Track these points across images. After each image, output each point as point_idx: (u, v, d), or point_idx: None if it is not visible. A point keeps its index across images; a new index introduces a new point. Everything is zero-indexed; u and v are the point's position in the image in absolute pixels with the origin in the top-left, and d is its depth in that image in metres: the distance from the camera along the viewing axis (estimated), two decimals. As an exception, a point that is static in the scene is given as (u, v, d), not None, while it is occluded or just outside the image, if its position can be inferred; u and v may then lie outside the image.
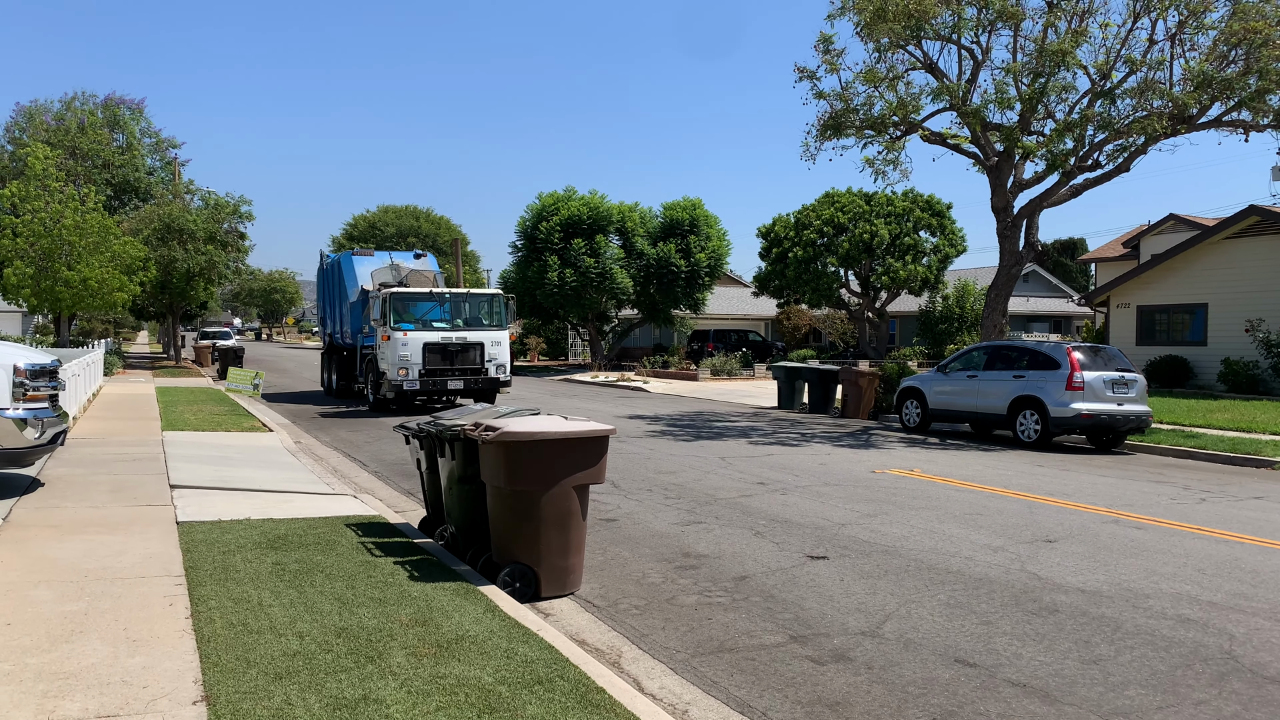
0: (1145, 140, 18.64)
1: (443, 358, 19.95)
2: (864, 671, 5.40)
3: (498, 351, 20.56)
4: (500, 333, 20.77)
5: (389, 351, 19.78)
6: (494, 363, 20.52)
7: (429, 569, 6.94)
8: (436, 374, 19.86)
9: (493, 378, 20.54)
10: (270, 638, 5.30)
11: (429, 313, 20.63)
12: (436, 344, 19.91)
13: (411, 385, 19.65)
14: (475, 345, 20.29)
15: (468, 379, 20.19)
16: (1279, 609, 6.59)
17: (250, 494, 9.91)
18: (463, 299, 21.17)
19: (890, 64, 20.25)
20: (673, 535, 8.85)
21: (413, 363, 19.61)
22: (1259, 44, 17.07)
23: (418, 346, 19.69)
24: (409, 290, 20.56)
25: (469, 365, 20.22)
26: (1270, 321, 24.53)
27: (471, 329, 20.55)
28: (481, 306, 21.29)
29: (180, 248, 36.68)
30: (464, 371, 20.18)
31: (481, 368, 20.36)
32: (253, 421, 17.45)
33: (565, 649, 5.30)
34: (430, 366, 19.79)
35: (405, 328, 19.83)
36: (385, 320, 19.91)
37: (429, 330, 20.06)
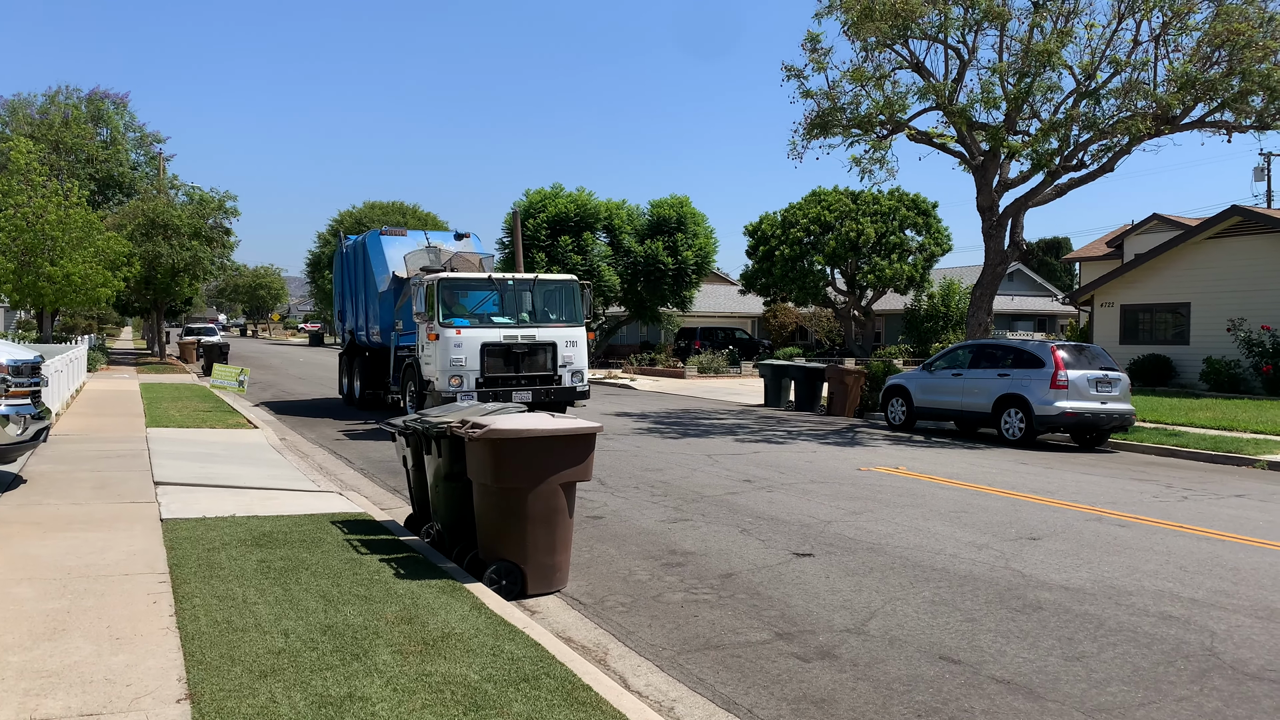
0: (1129, 140, 18.76)
1: (506, 362, 15.98)
2: (849, 668, 5.43)
3: (573, 354, 16.52)
4: (576, 330, 16.67)
5: (437, 354, 15.78)
6: (569, 368, 16.43)
7: (415, 566, 6.93)
8: (498, 382, 15.86)
9: (567, 387, 16.39)
10: (255, 635, 5.28)
11: (483, 304, 16.88)
12: (498, 345, 15.90)
13: (467, 398, 15.45)
14: (546, 346, 16.27)
15: (537, 389, 16.08)
16: (1259, 606, 6.65)
17: (235, 491, 9.87)
18: (529, 287, 16.96)
19: (877, 63, 20.32)
20: (659, 532, 8.86)
21: (468, 369, 15.68)
22: (1242, 46, 17.20)
23: (475, 348, 15.72)
24: (465, 276, 16.85)
25: (538, 371, 16.24)
26: (1252, 321, 24.74)
27: (540, 325, 16.54)
28: (552, 296, 17.12)
29: (165, 243, 36.45)
30: (532, 380, 16.17)
31: (553, 374, 16.29)
32: (238, 418, 17.37)
33: (551, 646, 5.30)
34: (491, 373, 15.80)
35: (459, 323, 15.84)
36: (433, 314, 15.91)
37: (488, 327, 16.12)
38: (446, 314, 16.00)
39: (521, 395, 15.84)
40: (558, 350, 16.35)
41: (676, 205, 42.95)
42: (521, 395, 15.84)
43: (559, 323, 16.78)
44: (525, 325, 16.44)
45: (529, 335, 16.21)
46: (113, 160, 41.96)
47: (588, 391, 16.76)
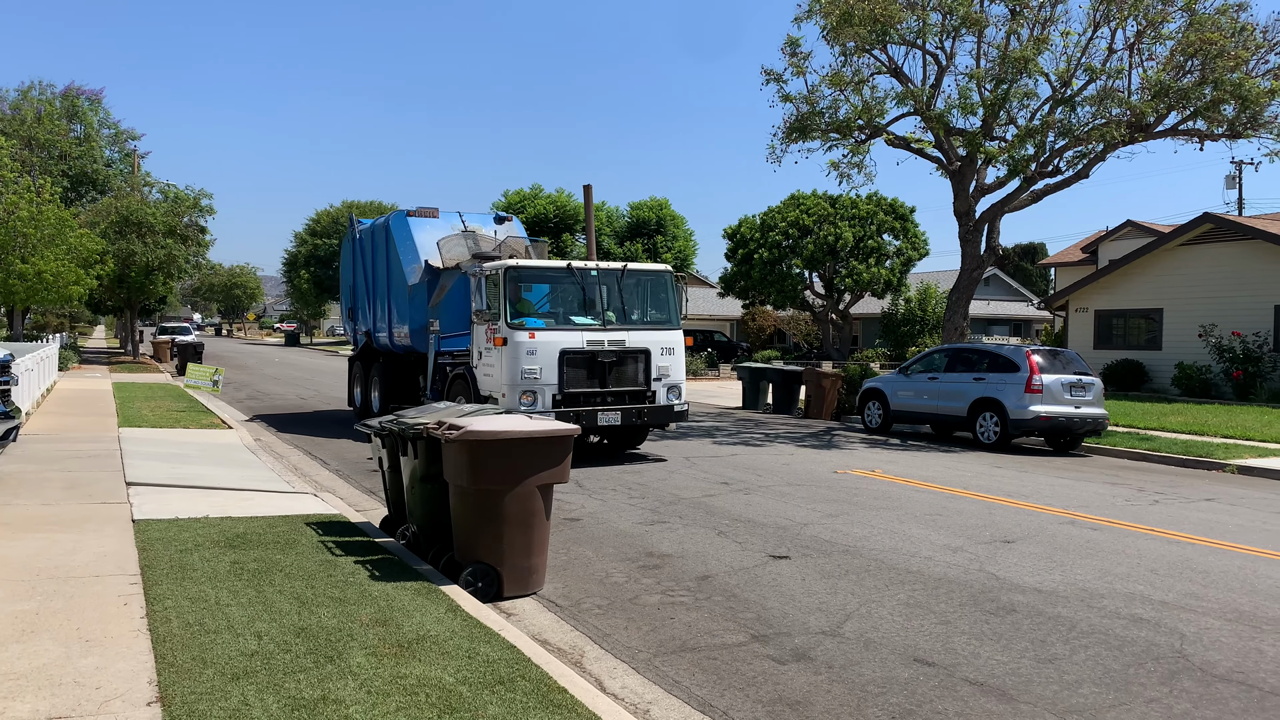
0: (1104, 147, 18.96)
1: (589, 374, 12.88)
2: (824, 671, 5.44)
3: (670, 364, 13.45)
4: (672, 334, 13.63)
5: (503, 362, 12.72)
6: (664, 382, 13.39)
7: (390, 568, 6.89)
8: (579, 399, 12.79)
9: (663, 406, 13.35)
10: (228, 637, 5.23)
11: (541, 302, 14.09)
12: (581, 352, 12.82)
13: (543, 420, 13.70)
14: (637, 354, 13.20)
15: (627, 408, 13.01)
16: (1228, 608, 6.73)
17: (208, 492, 9.78)
18: (616, 278, 13.60)
19: (856, 68, 20.42)
20: (636, 535, 8.86)
21: (543, 382, 12.60)
22: (1214, 55, 17.43)
23: (552, 355, 12.61)
24: (539, 264, 13.98)
25: (628, 386, 13.15)
26: (1222, 327, 25.04)
27: (630, 328, 13.36)
28: (641, 291, 13.96)
29: (139, 241, 36.09)
30: (621, 396, 13.08)
31: (646, 389, 13.23)
32: (212, 418, 17.22)
33: (527, 649, 5.29)
34: (571, 387, 12.72)
35: (533, 324, 12.80)
36: (499, 311, 12.82)
37: (567, 329, 12.98)
38: (515, 312, 12.87)
39: (608, 417, 12.80)
40: (651, 359, 13.25)
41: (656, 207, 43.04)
42: (608, 417, 12.80)
43: (651, 324, 13.62)
44: (612, 327, 13.15)
45: (618, 340, 13.03)
46: (86, 157, 41.52)
47: (686, 411, 13.71)
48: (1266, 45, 18.09)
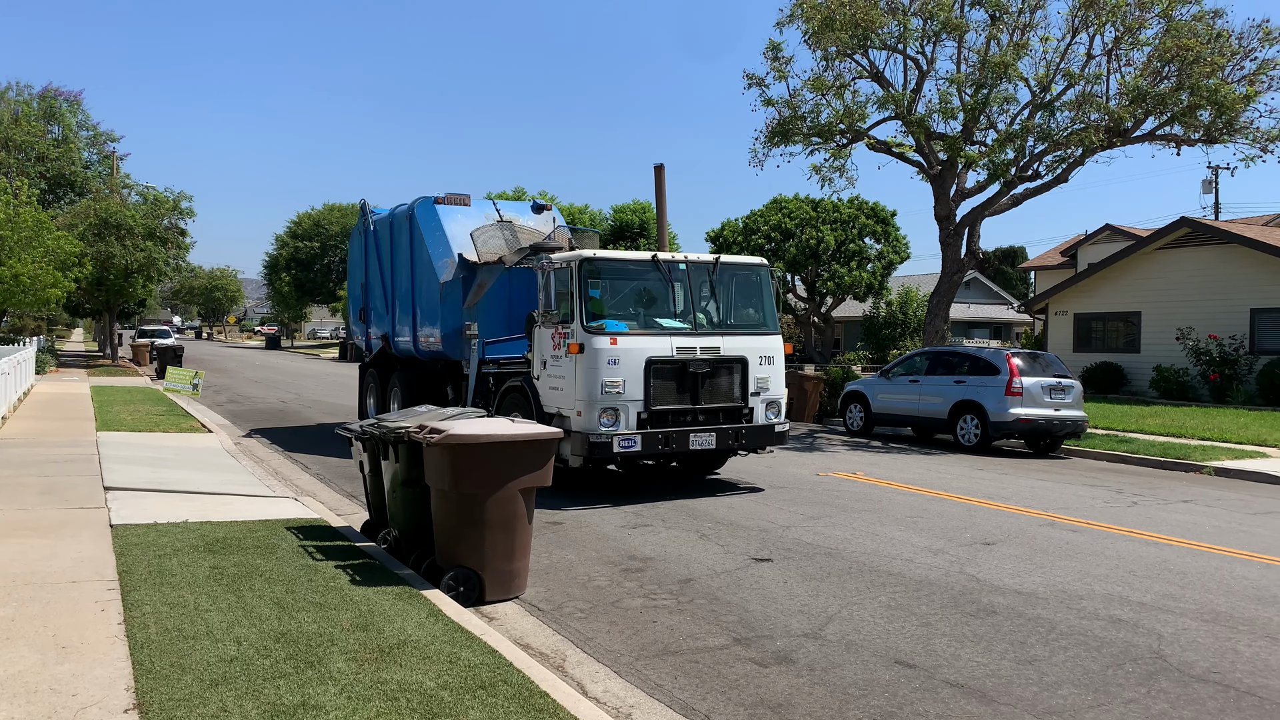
0: (1083, 152, 19.11)
1: (679, 387, 10.82)
2: (806, 673, 5.46)
3: (769, 376, 11.42)
4: (771, 340, 11.57)
5: (578, 374, 10.52)
6: (763, 396, 11.34)
7: (371, 573, 6.86)
8: (668, 418, 10.76)
9: (763, 426, 11.28)
10: (207, 643, 5.20)
11: (630, 299, 11.57)
12: (670, 361, 10.73)
13: (628, 445, 10.42)
14: (733, 364, 11.14)
15: (722, 429, 10.97)
16: (1205, 609, 6.79)
17: (188, 496, 9.71)
18: (707, 272, 11.45)
19: (837, 72, 20.51)
20: (619, 538, 8.85)
21: (628, 397, 10.49)
22: (1191, 61, 17.62)
23: (637, 366, 10.53)
24: (620, 256, 11.66)
25: (722, 402, 11.08)
26: (1199, 330, 25.28)
27: (723, 332, 11.25)
28: (733, 288, 11.91)
29: (118, 244, 35.79)
30: (714, 414, 11.02)
31: (743, 405, 11.19)
32: (191, 422, 17.09)
33: (509, 653, 5.27)
34: (659, 404, 10.67)
35: (614, 328, 10.68)
36: (573, 312, 10.66)
37: (653, 334, 10.86)
38: (591, 313, 10.70)
39: (701, 439, 10.78)
40: (749, 370, 11.19)
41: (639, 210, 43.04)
42: (701, 439, 10.78)
43: (747, 328, 11.59)
44: (704, 332, 11.07)
45: (711, 347, 10.96)
46: (64, 159, 41.10)
47: (787, 432, 11.64)
48: (1242, 51, 18.29)
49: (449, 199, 15.00)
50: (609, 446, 10.33)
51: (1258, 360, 24.15)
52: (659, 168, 18.49)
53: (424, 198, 14.93)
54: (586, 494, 11.15)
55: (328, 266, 71.31)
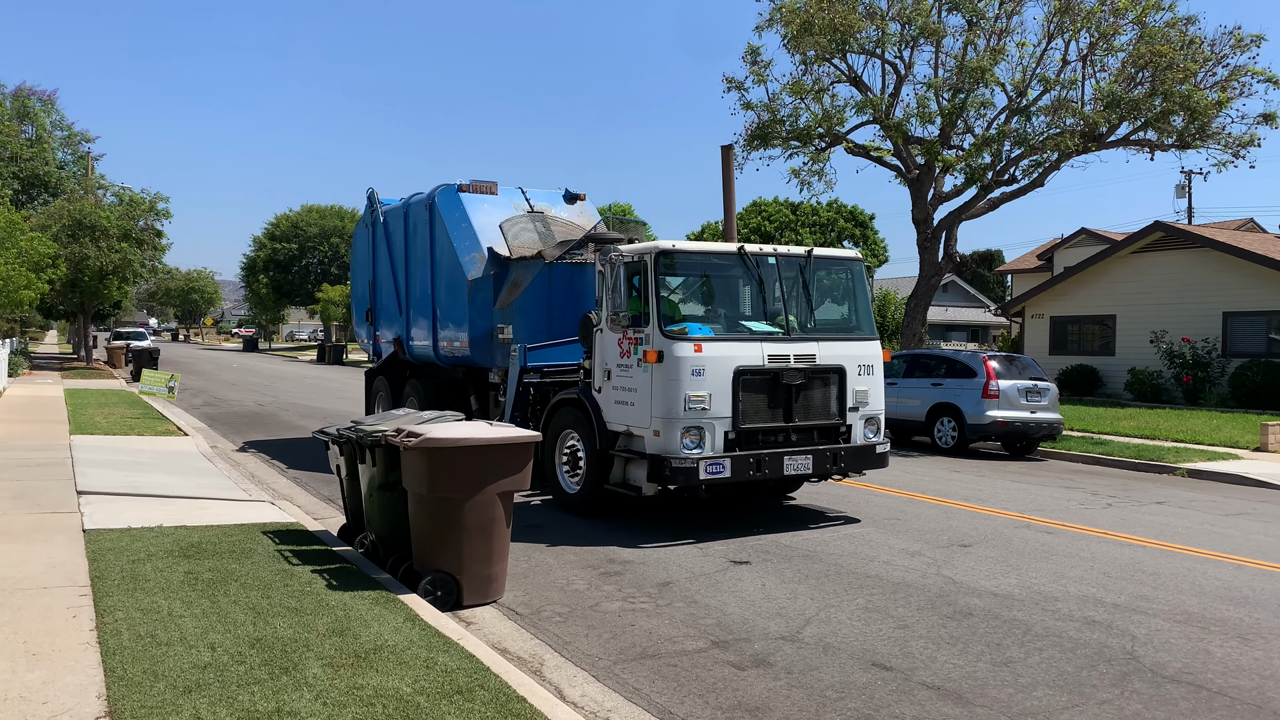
0: (1059, 156, 19.31)
1: (770, 401, 9.28)
2: (783, 676, 5.47)
3: (868, 388, 9.89)
4: (869, 346, 10.07)
5: (655, 386, 8.97)
6: (862, 412, 9.83)
7: (348, 577, 6.82)
8: (759, 438, 9.24)
9: (863, 447, 9.79)
10: (180, 649, 5.15)
11: (709, 299, 10.11)
12: (761, 372, 9.18)
13: (715, 470, 8.87)
14: (829, 374, 9.61)
15: (818, 451, 9.44)
16: (1177, 610, 6.86)
17: (163, 500, 9.62)
18: (798, 266, 9.85)
19: (816, 76, 20.64)
20: (597, 541, 8.84)
21: (714, 414, 8.94)
22: (1164, 67, 17.83)
23: (724, 377, 8.98)
24: (701, 248, 9.97)
25: (817, 419, 9.55)
26: (1173, 333, 25.55)
27: (817, 337, 9.69)
28: (825, 285, 10.40)
29: (92, 245, 35.41)
30: (808, 434, 9.54)
31: (841, 422, 9.68)
32: (167, 425, 16.94)
33: (486, 658, 5.26)
34: (750, 421, 9.13)
35: (697, 332, 9.16)
36: (648, 313, 9.11)
37: (741, 339, 9.34)
38: (670, 314, 9.22)
39: (797, 464, 9.27)
40: (847, 381, 9.67)
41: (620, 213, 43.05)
42: (797, 464, 9.27)
43: (843, 332, 10.10)
44: (797, 337, 9.55)
45: (806, 354, 9.44)
46: (38, 159, 40.63)
47: (888, 454, 10.18)
48: (1214, 58, 18.54)
49: (474, 186, 13.38)
50: (694, 472, 8.71)
51: (1230, 363, 24.44)
52: (727, 148, 16.58)
53: (445, 185, 13.37)
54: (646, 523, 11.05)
55: (306, 268, 70.88)
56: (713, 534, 9.17)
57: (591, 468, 9.67)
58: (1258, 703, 5.17)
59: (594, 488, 9.65)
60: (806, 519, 10.04)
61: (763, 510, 10.47)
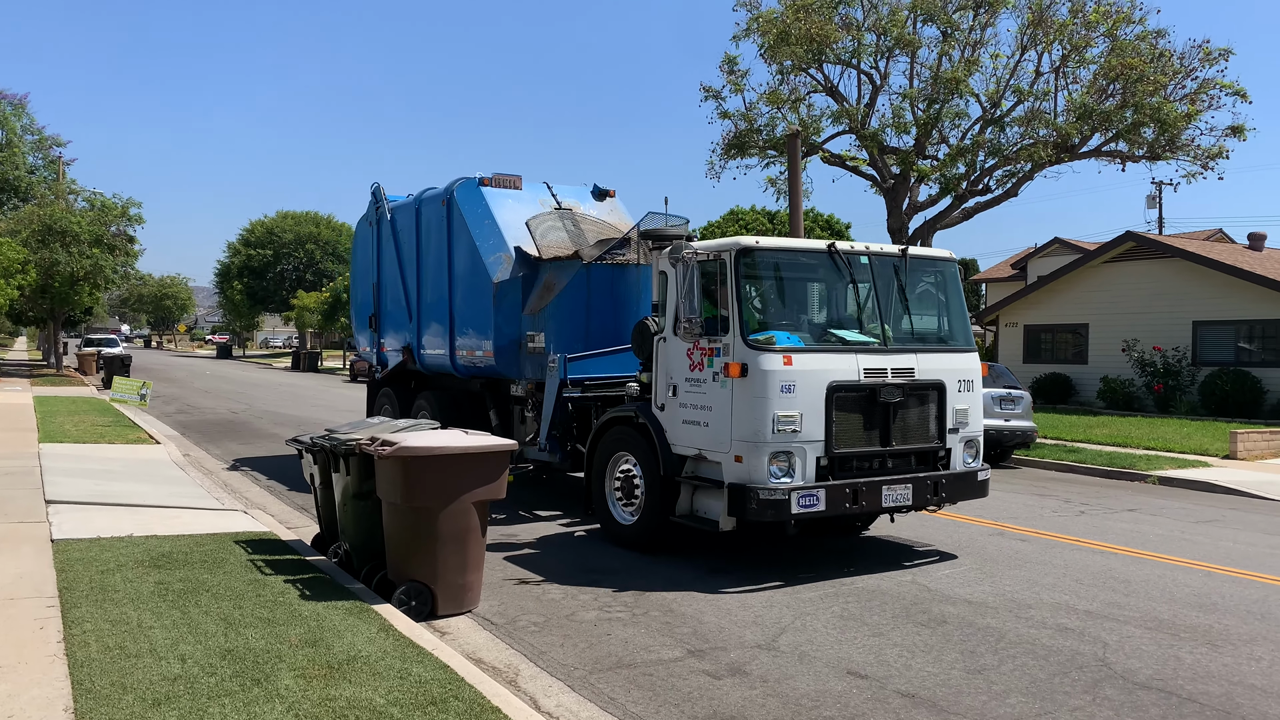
0: (1032, 167, 19.53)
1: (866, 423, 8.15)
2: (759, 685, 5.47)
3: (968, 407, 8.75)
4: (968, 359, 8.96)
5: (736, 404, 7.81)
6: (961, 435, 8.68)
7: (321, 587, 6.76)
8: (854, 464, 8.13)
9: (964, 474, 8.68)
10: (150, 661, 5.08)
11: (791, 304, 8.86)
12: (856, 389, 8.05)
13: (809, 502, 7.72)
14: (928, 391, 8.47)
15: (918, 480, 8.32)
16: (1148, 617, 6.93)
17: (134, 509, 9.50)
18: (890, 269, 8.72)
19: (793, 86, 20.79)
20: (572, 550, 8.82)
21: (806, 437, 7.78)
22: (1135, 80, 18.09)
23: (816, 393, 7.83)
24: (788, 245, 8.85)
25: (915, 443, 8.42)
26: (1145, 342, 25.84)
27: (915, 348, 8.58)
28: (916, 289, 9.01)
29: (63, 250, 35.00)
30: (905, 459, 8.41)
31: (940, 446, 8.54)
32: (138, 433, 16.75)
33: (461, 668, 5.23)
34: (844, 446, 7.99)
35: (785, 341, 7.95)
36: (729, 320, 7.99)
37: (834, 350, 8.20)
38: (759, 320, 8.16)
39: (896, 495, 8.16)
40: (946, 398, 8.53)
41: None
42: (896, 495, 8.16)
43: (940, 342, 9.02)
44: (892, 347, 8.41)
45: (904, 368, 8.31)
46: (8, 164, 40.14)
47: (989, 481, 9.02)
48: (1183, 71, 18.83)
49: (496, 180, 12.28)
50: (784, 505, 7.54)
51: (1200, 371, 24.74)
52: (793, 135, 15.03)
53: (464, 178, 12.24)
54: (542, 505, 11.04)
55: (281, 274, 70.42)
56: (786, 570, 9.12)
57: (652, 496, 8.45)
58: (1226, 708, 5.22)
59: (654, 520, 8.43)
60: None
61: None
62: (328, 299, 54.61)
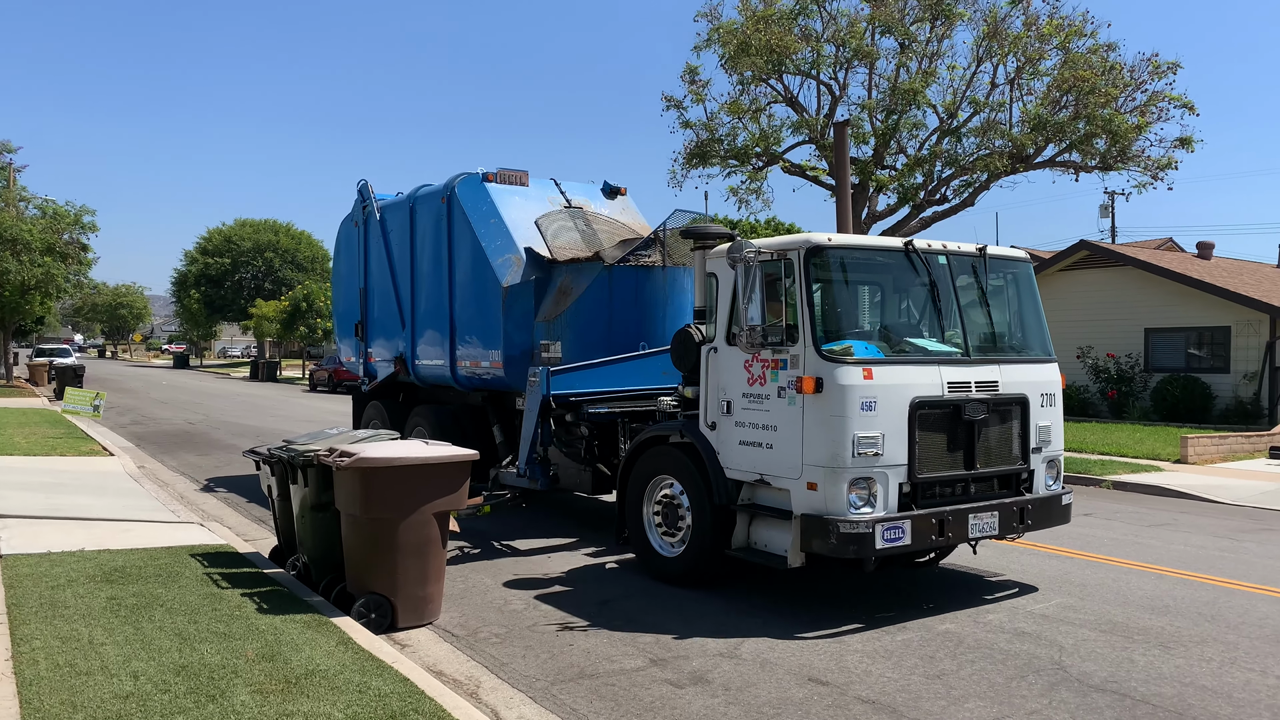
0: (988, 177, 19.84)
1: (950, 443, 7.24)
2: (721, 693, 5.48)
3: (1050, 424, 8.00)
4: (1048, 369, 8.21)
5: (807, 426, 6.86)
6: (1044, 454, 7.88)
7: (279, 601, 6.67)
8: (938, 491, 7.19)
9: (1049, 499, 7.86)
10: (101, 679, 4.99)
11: (863, 309, 8.21)
12: (940, 405, 7.16)
13: (894, 536, 6.78)
14: (1011, 406, 7.64)
15: (1005, 506, 7.45)
16: (1103, 620, 7.04)
17: (86, 523, 9.32)
18: (969, 270, 7.96)
19: (753, 97, 20.94)
20: (537, 560, 8.79)
21: (888, 461, 6.86)
22: (1086, 91, 18.46)
23: (898, 411, 6.93)
24: (864, 243, 8.10)
25: (998, 465, 7.54)
26: (1099, 349, 26.29)
27: (998, 358, 7.78)
28: (997, 292, 8.26)
29: (13, 259, 34.29)
30: (988, 483, 7.54)
31: (1023, 467, 7.69)
32: (91, 445, 16.43)
33: (421, 681, 5.18)
34: (929, 470, 7.08)
35: (863, 352, 7.08)
36: (799, 329, 7.02)
37: (916, 361, 7.32)
38: (832, 329, 7.14)
39: (983, 523, 7.29)
40: (1029, 414, 7.73)
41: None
42: (983, 523, 7.29)
43: (1020, 351, 8.23)
44: (976, 358, 7.58)
45: (987, 381, 7.48)
46: (-45, 171, 39.31)
47: (1071, 505, 8.19)
48: (1134, 84, 19.25)
49: (501, 176, 11.36)
50: (868, 540, 6.65)
51: (1152, 378, 25.22)
52: (841, 124, 13.42)
53: (466, 174, 11.32)
54: (504, 515, 10.91)
55: (239, 283, 69.48)
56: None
57: (701, 526, 7.57)
58: (1179, 709, 5.32)
59: (705, 552, 7.56)
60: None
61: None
62: (287, 308, 53.96)
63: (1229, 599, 7.72)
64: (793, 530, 6.90)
